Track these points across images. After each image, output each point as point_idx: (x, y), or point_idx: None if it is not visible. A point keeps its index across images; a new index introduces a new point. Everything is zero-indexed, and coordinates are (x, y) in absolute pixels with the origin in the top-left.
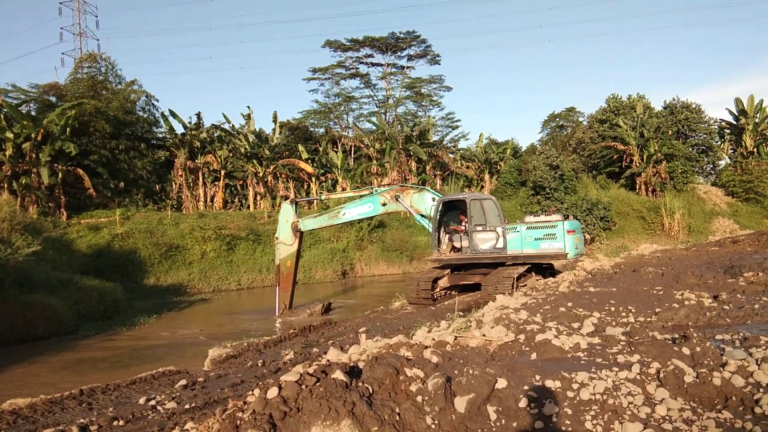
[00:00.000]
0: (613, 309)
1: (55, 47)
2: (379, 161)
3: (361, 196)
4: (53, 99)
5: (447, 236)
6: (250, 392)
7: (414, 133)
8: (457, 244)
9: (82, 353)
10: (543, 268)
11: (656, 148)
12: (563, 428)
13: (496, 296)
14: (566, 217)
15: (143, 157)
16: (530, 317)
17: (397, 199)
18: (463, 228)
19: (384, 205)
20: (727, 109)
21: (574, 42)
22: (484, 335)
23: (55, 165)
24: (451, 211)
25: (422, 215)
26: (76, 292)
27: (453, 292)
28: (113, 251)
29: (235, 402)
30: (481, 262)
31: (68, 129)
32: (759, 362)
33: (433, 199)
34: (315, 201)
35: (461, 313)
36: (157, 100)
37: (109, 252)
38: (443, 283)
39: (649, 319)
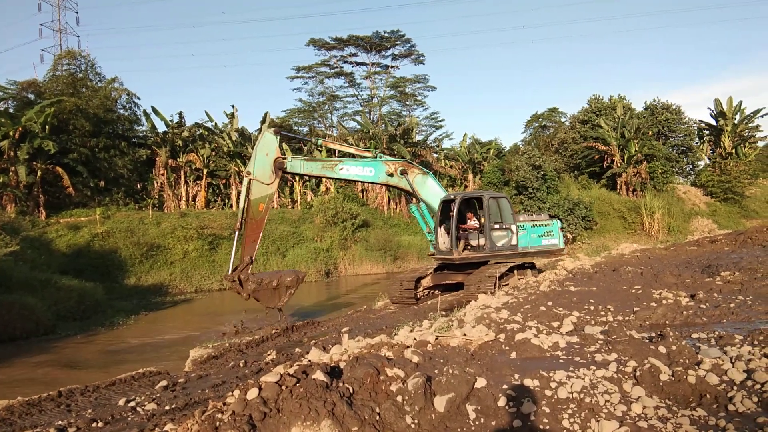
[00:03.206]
0: (592, 308)
1: (34, 43)
2: None
3: (363, 157)
4: (32, 96)
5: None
6: (230, 393)
7: (398, 133)
8: (473, 242)
9: (60, 354)
10: (525, 266)
11: (637, 148)
12: (541, 427)
13: (478, 296)
14: (552, 217)
15: (124, 155)
16: (511, 316)
17: (403, 174)
18: (477, 225)
19: (390, 176)
20: (708, 108)
21: (557, 43)
22: (465, 335)
23: (34, 163)
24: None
25: (419, 201)
26: (55, 292)
27: (436, 292)
28: (93, 251)
29: (215, 403)
30: (479, 261)
31: (47, 127)
32: (733, 360)
33: (446, 190)
34: (307, 144)
35: (443, 313)
36: (139, 98)
37: (89, 252)
38: (426, 282)
39: (627, 318)
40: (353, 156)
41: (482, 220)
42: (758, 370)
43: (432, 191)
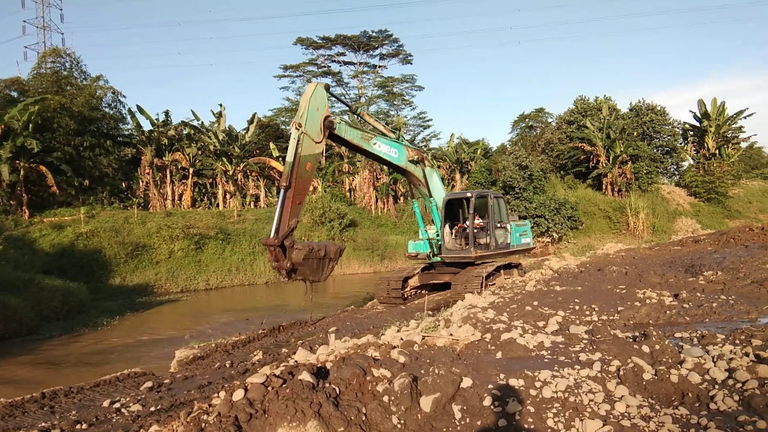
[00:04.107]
0: (577, 308)
1: (17, 41)
2: (351, 160)
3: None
4: (15, 94)
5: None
6: (216, 394)
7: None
8: (481, 241)
9: (44, 355)
10: (511, 266)
11: (622, 149)
12: (526, 426)
13: (465, 295)
14: (522, 218)
15: (109, 154)
16: (497, 316)
17: (419, 163)
18: (481, 224)
19: (410, 161)
20: (690, 111)
21: (544, 44)
22: (451, 334)
23: (17, 162)
24: (457, 207)
25: (427, 197)
26: (38, 293)
27: (423, 291)
28: (77, 250)
29: (201, 404)
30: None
31: (30, 125)
32: (715, 359)
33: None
34: (350, 107)
35: (430, 313)
36: (124, 96)
37: (73, 251)
38: (413, 282)
39: (611, 318)
40: (383, 134)
41: (478, 219)
42: (739, 369)
43: (437, 187)
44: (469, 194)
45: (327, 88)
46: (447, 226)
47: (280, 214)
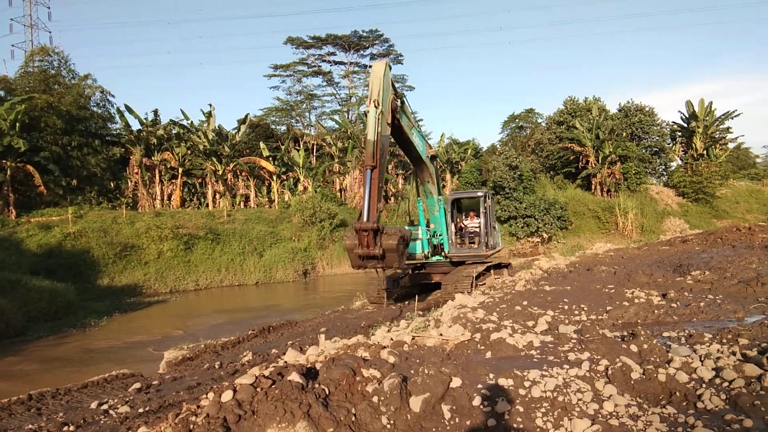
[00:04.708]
0: (566, 307)
1: (4, 39)
2: (341, 160)
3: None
4: (2, 93)
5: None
6: (205, 395)
7: None
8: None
9: (31, 356)
10: (501, 266)
11: (611, 149)
12: (515, 425)
13: (455, 295)
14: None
15: (97, 153)
16: (487, 316)
17: (433, 160)
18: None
19: (429, 157)
20: (679, 111)
21: (534, 45)
22: (441, 334)
23: (4, 161)
24: (458, 207)
25: (425, 194)
26: (25, 293)
27: (414, 291)
28: (65, 251)
29: (189, 406)
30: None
31: (18, 124)
32: (702, 359)
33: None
34: (397, 92)
35: (421, 313)
36: (113, 96)
37: (60, 252)
38: (404, 282)
39: (600, 317)
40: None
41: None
42: (726, 368)
43: (439, 187)
44: (480, 193)
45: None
46: (453, 225)
47: (369, 197)
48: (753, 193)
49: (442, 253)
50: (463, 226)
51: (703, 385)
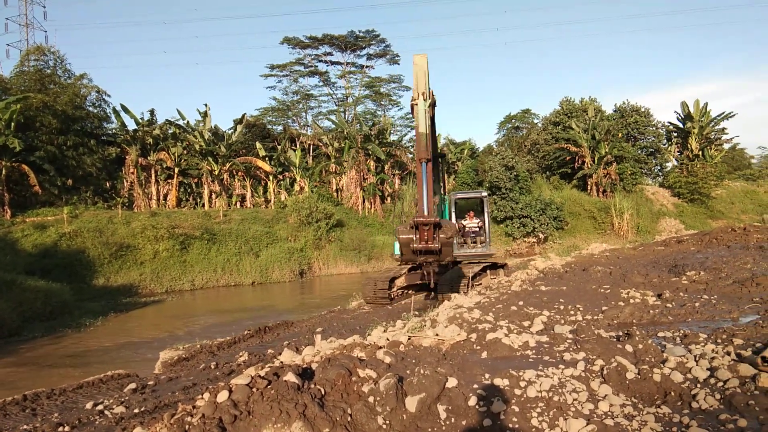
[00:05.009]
0: (562, 307)
1: None
2: (338, 160)
3: None
4: None
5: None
6: (200, 396)
7: (373, 133)
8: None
9: (26, 356)
10: (497, 266)
11: (607, 150)
12: (510, 425)
13: (451, 295)
14: None
15: (93, 153)
16: (483, 316)
17: (442, 158)
18: (481, 223)
19: (438, 155)
20: (675, 112)
21: (531, 45)
22: (437, 335)
23: None
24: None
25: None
26: (20, 293)
27: (410, 291)
28: (60, 251)
29: (184, 406)
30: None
31: (13, 124)
32: (697, 359)
33: None
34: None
35: (417, 313)
36: (109, 96)
37: (55, 252)
38: (400, 282)
39: (595, 317)
40: None
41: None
42: (721, 368)
43: (444, 185)
44: (484, 194)
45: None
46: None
47: (426, 190)
48: (748, 194)
49: None
50: (462, 226)
51: (698, 385)
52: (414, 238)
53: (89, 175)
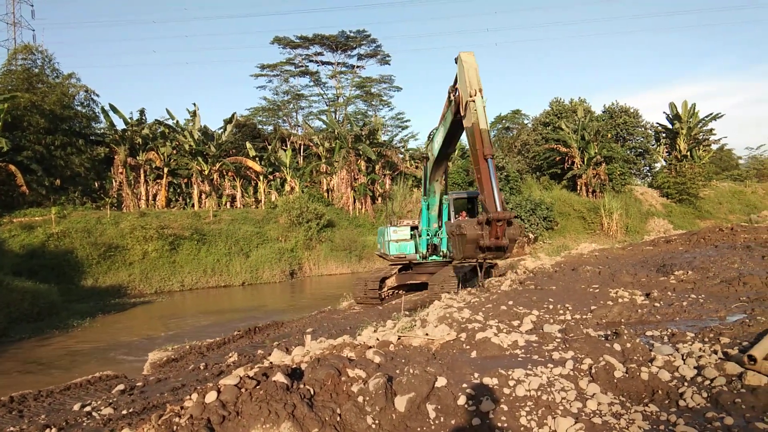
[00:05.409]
0: (551, 307)
1: None
2: (328, 160)
3: None
4: None
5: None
6: (189, 397)
7: (363, 133)
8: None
9: (12, 357)
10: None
11: (596, 150)
12: (499, 424)
13: (441, 295)
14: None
15: (81, 153)
16: (473, 316)
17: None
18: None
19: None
20: (664, 113)
21: (520, 46)
22: (427, 334)
23: None
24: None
25: (434, 192)
26: (7, 294)
27: (400, 292)
28: (48, 251)
29: (173, 407)
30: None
31: (0, 123)
32: (684, 357)
33: None
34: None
35: (407, 313)
36: (97, 95)
37: (43, 252)
38: (391, 282)
39: (584, 317)
40: None
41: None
42: (708, 367)
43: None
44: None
45: None
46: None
47: (495, 186)
48: (735, 194)
49: (440, 252)
50: None
51: (685, 384)
52: (484, 234)
53: (77, 175)
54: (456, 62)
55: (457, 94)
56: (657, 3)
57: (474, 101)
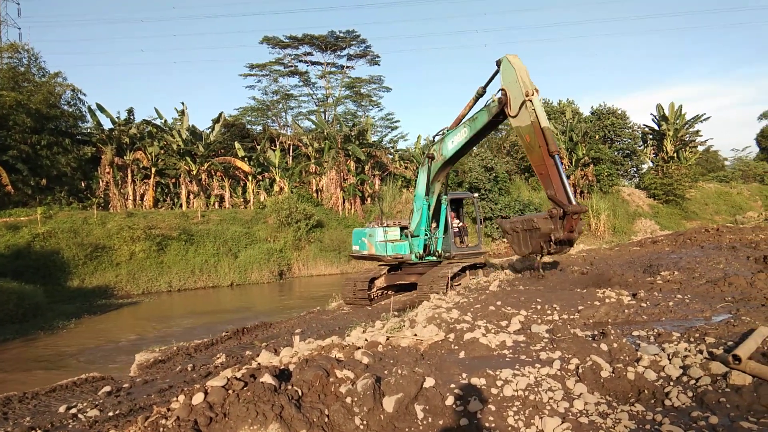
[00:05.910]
0: (539, 307)
1: None
2: (318, 160)
3: None
4: None
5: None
6: (176, 398)
7: (353, 133)
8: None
9: None
10: (477, 267)
11: (584, 151)
12: (487, 424)
13: (430, 296)
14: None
15: (67, 153)
16: (461, 316)
17: None
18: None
19: None
20: (651, 114)
21: (509, 47)
22: (415, 335)
23: None
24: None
25: (433, 193)
26: None
27: (389, 292)
28: (34, 252)
29: (159, 408)
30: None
31: None
32: (670, 357)
33: None
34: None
35: (396, 313)
36: (84, 94)
37: (29, 253)
38: (380, 282)
39: (572, 317)
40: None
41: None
42: (693, 366)
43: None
44: (476, 195)
45: None
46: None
47: (566, 181)
48: (721, 195)
49: (435, 253)
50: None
51: (671, 383)
52: (557, 228)
53: (64, 175)
54: (497, 65)
55: (500, 95)
56: (645, 6)
57: (531, 101)
